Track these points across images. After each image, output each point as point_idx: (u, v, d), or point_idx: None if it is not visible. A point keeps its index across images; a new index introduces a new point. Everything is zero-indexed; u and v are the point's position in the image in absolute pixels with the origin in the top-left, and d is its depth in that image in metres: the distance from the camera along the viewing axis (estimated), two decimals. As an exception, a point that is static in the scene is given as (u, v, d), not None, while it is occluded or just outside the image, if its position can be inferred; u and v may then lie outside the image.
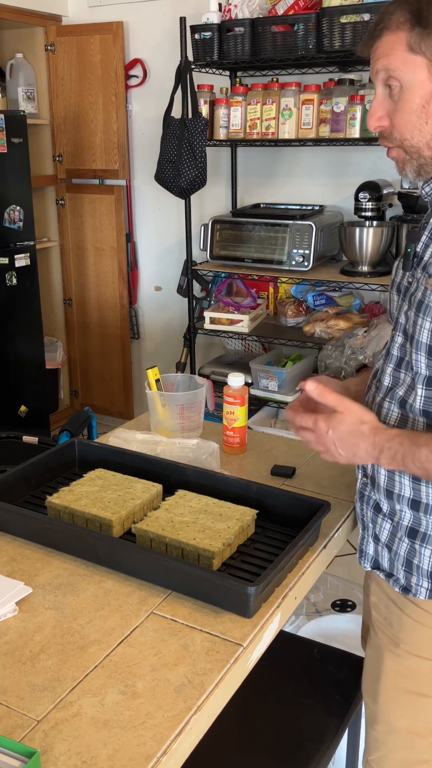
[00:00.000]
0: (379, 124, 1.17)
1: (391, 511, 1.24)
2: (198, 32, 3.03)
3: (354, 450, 1.17)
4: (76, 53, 3.77)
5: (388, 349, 1.25)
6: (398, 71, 1.11)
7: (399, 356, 1.21)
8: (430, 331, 1.12)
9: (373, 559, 1.32)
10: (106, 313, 4.11)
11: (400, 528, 1.23)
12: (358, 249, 3.00)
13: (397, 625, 1.28)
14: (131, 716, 0.94)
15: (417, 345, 1.15)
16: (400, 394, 1.20)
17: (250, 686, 1.17)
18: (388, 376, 1.23)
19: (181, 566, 1.18)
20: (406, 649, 1.28)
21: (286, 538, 1.32)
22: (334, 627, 2.36)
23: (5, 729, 0.92)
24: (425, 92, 1.11)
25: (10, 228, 3.38)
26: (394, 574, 1.27)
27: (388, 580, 1.29)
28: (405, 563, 1.24)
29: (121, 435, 1.67)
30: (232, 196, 3.60)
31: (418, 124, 1.13)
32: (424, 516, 1.19)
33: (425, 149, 1.14)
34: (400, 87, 1.12)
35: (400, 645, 1.28)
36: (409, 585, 1.24)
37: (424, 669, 1.27)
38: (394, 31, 1.11)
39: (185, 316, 3.70)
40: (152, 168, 3.42)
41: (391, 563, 1.27)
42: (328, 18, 2.75)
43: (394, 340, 1.23)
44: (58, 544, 1.29)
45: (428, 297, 1.12)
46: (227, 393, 1.67)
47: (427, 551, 1.21)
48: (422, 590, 1.23)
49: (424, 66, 1.10)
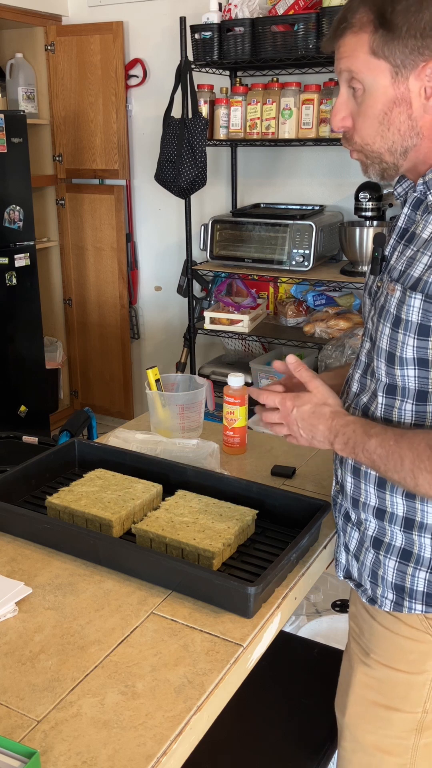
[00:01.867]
0: (342, 124, 1.12)
1: (357, 519, 1.20)
2: (198, 32, 3.03)
3: (313, 432, 1.17)
4: (76, 53, 3.77)
5: (358, 355, 1.22)
6: (361, 74, 1.06)
7: (366, 362, 1.19)
8: (389, 338, 1.09)
9: (345, 568, 1.28)
10: (106, 313, 4.11)
11: (366, 538, 1.19)
12: (359, 249, 3.00)
13: (369, 634, 1.24)
14: (131, 716, 0.94)
15: (378, 351, 1.12)
16: (363, 401, 1.18)
17: (250, 686, 1.17)
18: (356, 382, 1.21)
19: (181, 566, 1.18)
20: (376, 659, 1.23)
21: (286, 538, 1.32)
22: (334, 627, 2.36)
23: (5, 729, 0.92)
24: (387, 98, 1.06)
25: (10, 228, 3.38)
26: (363, 584, 1.23)
27: (358, 590, 1.25)
28: (371, 574, 1.20)
29: (121, 435, 1.67)
30: (232, 196, 3.60)
31: (380, 130, 1.08)
32: (389, 525, 1.15)
33: (387, 155, 1.10)
34: (363, 90, 1.07)
35: (370, 654, 1.24)
36: (375, 596, 1.20)
37: (394, 680, 1.21)
38: (357, 32, 1.05)
39: (185, 316, 3.70)
40: (152, 168, 3.42)
41: (359, 573, 1.23)
42: (328, 18, 2.75)
43: (363, 345, 1.21)
44: (58, 544, 1.29)
45: (389, 302, 1.09)
46: (227, 393, 1.67)
47: (390, 562, 1.16)
48: (386, 602, 1.18)
49: (387, 71, 1.04)
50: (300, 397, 1.19)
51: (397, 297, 1.07)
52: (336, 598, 2.66)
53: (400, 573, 1.16)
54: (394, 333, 1.08)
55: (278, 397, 1.21)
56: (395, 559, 1.16)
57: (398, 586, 1.16)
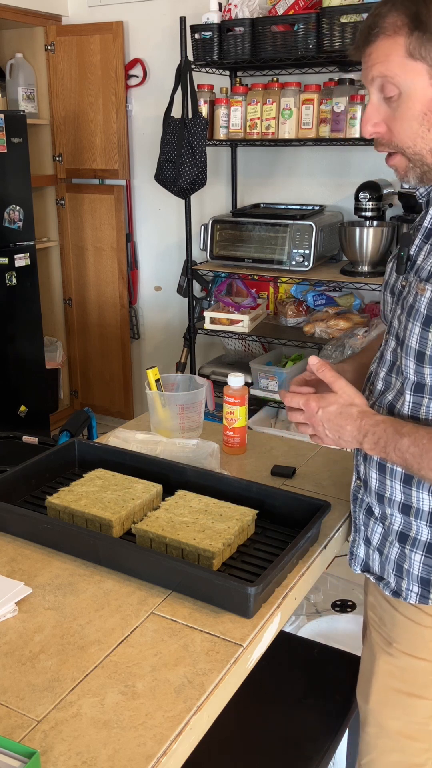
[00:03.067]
0: (375, 130, 1.13)
1: (382, 514, 1.24)
2: (198, 32, 3.03)
3: (340, 432, 1.18)
4: (76, 53, 3.77)
5: (382, 353, 1.24)
6: (397, 78, 1.07)
7: (391, 361, 1.21)
8: (419, 336, 1.11)
9: (363, 562, 1.32)
10: (106, 313, 4.11)
11: (391, 532, 1.23)
12: (359, 249, 3.00)
13: (390, 624, 1.28)
14: (131, 716, 0.94)
15: (407, 350, 1.14)
16: (389, 399, 1.20)
17: (250, 686, 1.17)
18: (381, 380, 1.23)
19: (181, 566, 1.18)
20: (398, 648, 1.27)
21: (286, 538, 1.32)
22: (334, 627, 2.36)
23: (5, 729, 0.92)
24: (427, 99, 1.07)
25: (10, 228, 3.38)
26: (385, 577, 1.26)
27: (379, 583, 1.28)
28: (396, 567, 1.23)
29: (121, 435, 1.67)
30: (232, 196, 3.60)
31: (420, 131, 1.09)
32: (415, 521, 1.19)
33: (429, 156, 1.11)
34: (399, 94, 1.08)
35: (392, 644, 1.28)
36: (399, 589, 1.24)
37: (417, 668, 1.26)
38: (391, 35, 1.05)
39: (185, 316, 3.70)
40: (152, 168, 3.42)
41: (382, 567, 1.27)
42: (328, 18, 2.75)
43: (387, 343, 1.22)
44: (58, 544, 1.29)
45: (419, 302, 1.11)
46: (227, 393, 1.67)
47: (417, 556, 1.20)
48: (412, 595, 1.22)
49: (424, 72, 1.05)
50: (325, 398, 1.19)
51: (428, 297, 1.10)
52: (336, 598, 2.66)
53: (426, 567, 1.19)
54: (424, 332, 1.10)
55: (302, 398, 1.21)
56: (421, 553, 1.19)
57: (424, 579, 1.20)
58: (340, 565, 2.84)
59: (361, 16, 2.69)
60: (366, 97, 2.88)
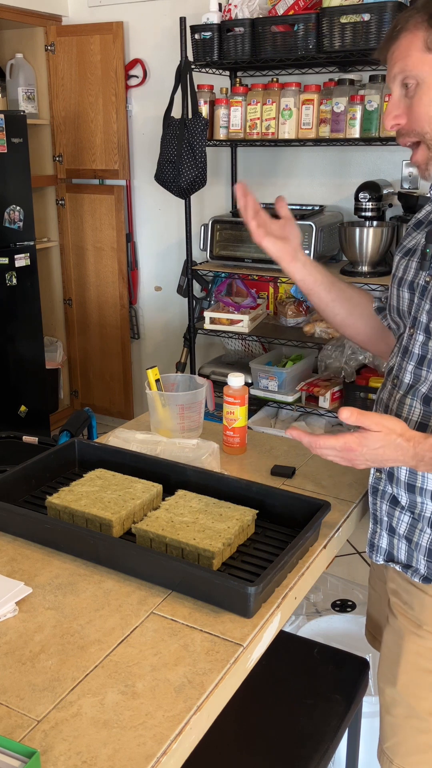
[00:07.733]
0: (395, 122, 1.21)
1: (411, 503, 1.27)
2: (198, 32, 3.03)
3: (385, 462, 1.15)
4: (76, 53, 3.77)
5: (406, 347, 1.27)
6: (415, 69, 1.15)
7: (420, 354, 1.24)
8: None
9: (387, 552, 1.35)
10: (106, 313, 4.12)
11: (422, 519, 1.26)
12: (358, 249, 3.00)
13: (419, 607, 1.30)
14: (131, 716, 0.94)
15: None
16: (423, 391, 1.23)
17: (250, 686, 1.17)
18: (409, 374, 1.26)
19: (181, 566, 1.18)
20: (429, 630, 1.29)
21: (286, 538, 1.32)
22: (334, 627, 2.36)
23: (5, 729, 0.92)
24: None
25: (10, 228, 3.38)
26: (413, 565, 1.29)
27: (406, 571, 1.31)
28: (427, 553, 1.27)
29: (121, 435, 1.67)
30: (232, 196, 3.60)
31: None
32: None
33: None
34: (416, 84, 1.16)
35: (422, 626, 1.30)
36: (430, 575, 1.27)
37: None
38: (412, 31, 1.15)
39: (185, 316, 3.70)
40: (152, 168, 3.42)
41: (409, 555, 1.30)
42: (328, 18, 2.75)
43: (413, 338, 1.25)
44: (58, 544, 1.29)
45: None
46: (227, 393, 1.67)
47: None
48: None
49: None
50: (366, 437, 1.11)
51: None
52: (336, 598, 2.66)
53: None
54: None
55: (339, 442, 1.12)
56: None
57: None
58: (340, 565, 2.85)
59: (361, 17, 2.69)
60: (365, 98, 2.88)
